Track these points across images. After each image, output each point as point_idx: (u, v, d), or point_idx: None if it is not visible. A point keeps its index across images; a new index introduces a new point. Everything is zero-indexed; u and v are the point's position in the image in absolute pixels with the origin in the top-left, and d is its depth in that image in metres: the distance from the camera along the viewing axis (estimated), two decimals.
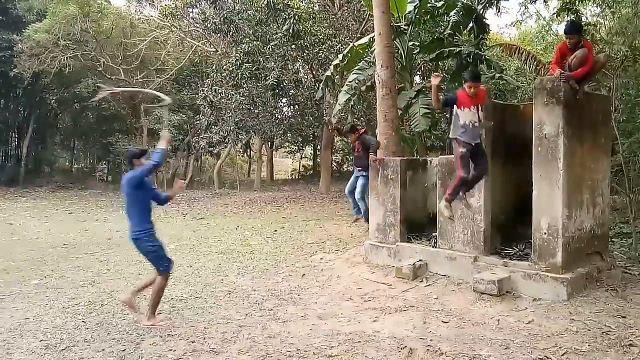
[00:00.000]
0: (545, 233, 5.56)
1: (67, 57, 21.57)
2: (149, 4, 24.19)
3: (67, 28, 21.19)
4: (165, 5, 22.66)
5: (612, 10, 14.70)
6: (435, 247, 6.81)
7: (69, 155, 34.75)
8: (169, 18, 21.15)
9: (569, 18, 12.36)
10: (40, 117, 28.30)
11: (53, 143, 32.00)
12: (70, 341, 4.75)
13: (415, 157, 11.36)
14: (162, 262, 5.24)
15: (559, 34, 19.33)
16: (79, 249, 9.52)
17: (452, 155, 6.38)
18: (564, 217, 5.49)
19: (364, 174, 7.96)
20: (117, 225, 12.75)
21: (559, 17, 13.93)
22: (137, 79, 24.46)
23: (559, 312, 5.09)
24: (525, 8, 20.83)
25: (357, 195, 8.14)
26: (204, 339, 4.75)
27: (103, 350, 4.53)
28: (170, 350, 4.50)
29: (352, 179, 8.44)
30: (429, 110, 10.63)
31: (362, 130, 8.39)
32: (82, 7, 21.03)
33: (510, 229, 6.80)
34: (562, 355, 4.17)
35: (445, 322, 5.04)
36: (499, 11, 15.19)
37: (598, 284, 5.77)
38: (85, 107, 28.24)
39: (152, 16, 23.67)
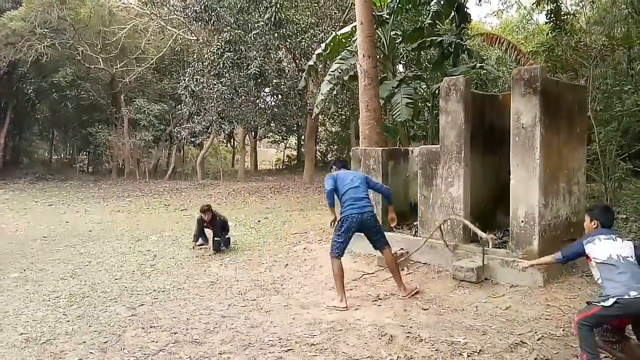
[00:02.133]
0: (522, 221, 5.68)
1: (44, 46, 21.14)
2: None
3: (43, 16, 20.74)
4: None
5: (591, 0, 14.88)
6: (416, 236, 6.90)
7: (48, 146, 34.15)
8: (148, 6, 20.77)
9: (549, 7, 12.52)
10: (18, 107, 27.70)
11: (31, 134, 31.42)
12: (51, 334, 4.72)
13: (397, 147, 11.44)
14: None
15: (539, 23, 19.52)
16: (59, 242, 9.42)
17: (433, 146, 6.41)
18: (541, 205, 5.61)
19: None
20: (98, 217, 12.63)
21: (539, 7, 14.07)
22: (117, 68, 24.08)
23: (535, 298, 5.22)
24: None
25: None
26: (187, 329, 4.77)
27: (84, 342, 4.51)
28: (153, 341, 4.51)
29: None
30: (411, 100, 10.68)
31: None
32: None
33: (489, 218, 6.92)
34: (538, 340, 4.29)
35: (425, 310, 5.13)
36: (480, 0, 15.26)
37: (573, 270, 5.92)
38: (64, 97, 27.69)
39: (131, 4, 23.27)
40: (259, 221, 11.23)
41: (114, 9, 23.42)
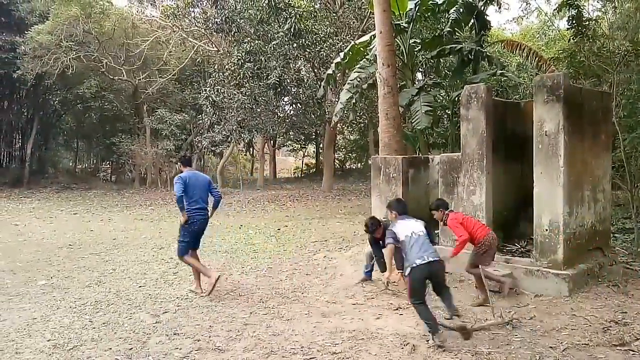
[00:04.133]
0: (546, 230, 5.60)
1: (69, 59, 21.73)
2: (151, 4, 24.30)
3: (69, 29, 21.33)
4: (167, 5, 22.78)
5: (613, 5, 14.66)
6: (438, 245, 6.84)
7: (72, 155, 34.94)
8: (170, 18, 21.24)
9: (570, 13, 12.36)
10: (44, 118, 28.49)
11: (57, 144, 32.21)
12: (77, 340, 4.81)
13: (417, 155, 11.40)
14: None
15: (560, 29, 19.29)
16: (84, 249, 9.61)
17: (454, 153, 6.39)
18: (565, 213, 5.53)
19: None
20: (122, 225, 12.85)
21: (560, 13, 13.91)
22: (140, 79, 24.58)
23: (560, 308, 5.13)
24: (527, 4, 20.78)
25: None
26: (210, 337, 4.81)
27: (110, 349, 4.59)
28: (177, 348, 4.56)
29: None
30: (430, 108, 10.65)
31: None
32: (84, 8, 21.16)
33: (512, 226, 6.84)
34: (563, 351, 4.22)
35: (447, 319, 5.07)
36: (499, 7, 15.14)
37: (599, 279, 5.81)
38: (88, 108, 28.42)
39: (153, 16, 23.77)
40: (279, 229, 11.29)
41: (137, 22, 23.95)
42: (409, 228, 4.77)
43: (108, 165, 33.12)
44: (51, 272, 7.79)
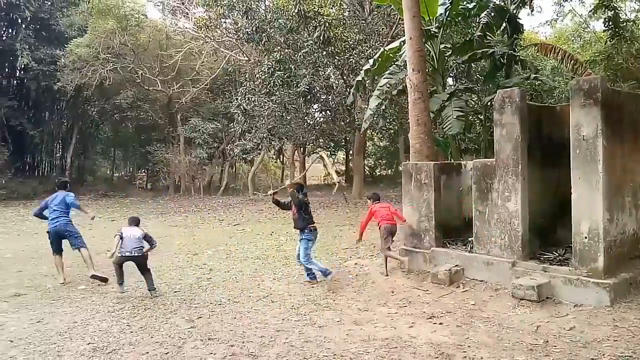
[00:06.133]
0: (585, 237, 5.43)
1: (107, 70, 22.50)
2: (184, 16, 24.87)
3: (106, 42, 22.10)
4: (200, 16, 23.28)
5: None
6: (472, 252, 6.74)
7: (109, 164, 35.99)
8: (203, 29, 21.71)
9: (607, 15, 12.02)
10: (83, 128, 29.49)
11: (95, 153, 33.25)
12: (116, 344, 4.95)
13: (449, 161, 11.26)
14: None
15: (596, 31, 18.77)
16: None
17: (488, 159, 6.29)
18: (605, 220, 5.35)
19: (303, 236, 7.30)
20: (157, 232, 13.13)
21: (596, 14, 13.55)
22: (174, 90, 25.18)
23: (601, 319, 4.96)
24: (561, 6, 20.31)
25: (302, 260, 7.19)
26: (243, 342, 4.86)
27: (147, 353, 4.70)
28: (211, 353, 4.63)
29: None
30: (462, 113, 10.53)
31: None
32: (120, 21, 21.88)
33: (549, 233, 6.67)
34: None
35: (483, 329, 4.99)
36: (532, 10, 14.87)
37: None
38: (125, 118, 29.30)
39: (186, 28, 24.34)
40: None
41: (170, 34, 24.59)
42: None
43: (144, 173, 33.91)
44: (89, 277, 8.02)
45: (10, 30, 25.68)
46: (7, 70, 26.89)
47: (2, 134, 24.72)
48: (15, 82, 27.62)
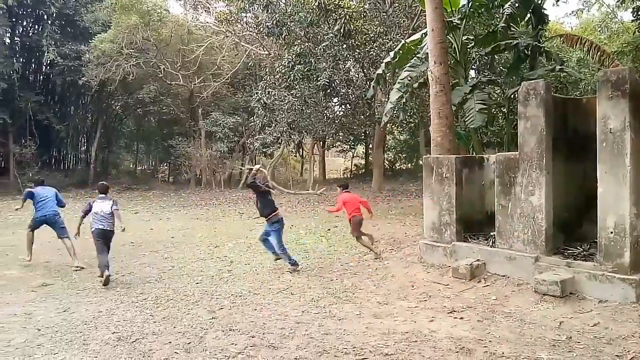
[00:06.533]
0: (611, 232, 5.32)
1: (130, 65, 22.84)
2: (205, 11, 25.03)
3: (129, 37, 22.40)
4: (220, 11, 23.41)
5: None
6: (494, 247, 6.66)
7: (132, 157, 36.61)
8: (224, 24, 21.84)
9: (635, 4, 11.66)
10: (107, 122, 30.05)
11: (118, 146, 33.85)
12: (139, 334, 5.06)
13: (470, 155, 11.12)
14: None
15: (624, 21, 18.25)
16: (145, 247, 10.05)
17: (511, 152, 6.19)
18: (632, 215, 5.22)
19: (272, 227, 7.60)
20: (179, 224, 13.34)
21: (624, 4, 13.16)
22: (195, 84, 25.43)
23: (627, 315, 4.86)
24: None
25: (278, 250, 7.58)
26: (263, 334, 4.92)
27: (170, 342, 4.79)
28: (232, 344, 4.69)
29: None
30: (485, 106, 10.37)
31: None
32: (143, 17, 22.13)
33: (573, 228, 6.54)
34: (631, 359, 3.99)
35: (504, 324, 4.93)
36: (557, 1, 14.50)
37: None
38: (148, 112, 29.73)
39: (208, 23, 24.50)
40: (329, 230, 11.34)
41: (192, 29, 24.79)
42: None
43: (166, 167, 34.40)
44: (115, 268, 8.17)
45: (36, 27, 26.31)
46: (33, 65, 27.58)
47: (29, 128, 25.35)
48: (41, 77, 28.32)
